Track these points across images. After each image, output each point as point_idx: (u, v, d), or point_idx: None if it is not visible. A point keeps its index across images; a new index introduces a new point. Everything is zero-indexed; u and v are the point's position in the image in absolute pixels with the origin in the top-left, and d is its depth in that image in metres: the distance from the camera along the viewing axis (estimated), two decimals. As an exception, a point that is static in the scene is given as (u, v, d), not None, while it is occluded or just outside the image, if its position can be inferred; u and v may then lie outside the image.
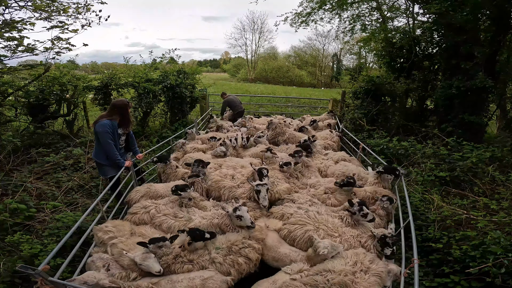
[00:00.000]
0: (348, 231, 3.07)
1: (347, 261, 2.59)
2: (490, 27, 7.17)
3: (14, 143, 5.91)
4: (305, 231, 3.03)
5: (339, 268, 2.51)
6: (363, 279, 2.43)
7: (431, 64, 8.94)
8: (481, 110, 7.29)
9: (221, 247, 2.77)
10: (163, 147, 6.27)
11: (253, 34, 44.61)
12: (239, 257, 2.73)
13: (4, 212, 3.81)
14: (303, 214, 3.28)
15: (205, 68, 51.01)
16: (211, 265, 2.66)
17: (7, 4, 5.40)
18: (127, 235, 3.03)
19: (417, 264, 2.38)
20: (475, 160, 5.18)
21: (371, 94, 8.75)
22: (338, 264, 2.56)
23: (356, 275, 2.46)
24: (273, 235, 3.13)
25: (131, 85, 8.40)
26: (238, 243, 2.81)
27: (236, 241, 2.83)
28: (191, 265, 2.64)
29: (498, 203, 4.10)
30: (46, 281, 2.06)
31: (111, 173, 4.09)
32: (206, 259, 2.69)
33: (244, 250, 2.77)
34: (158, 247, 2.64)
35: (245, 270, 2.75)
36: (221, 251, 2.75)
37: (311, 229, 3.05)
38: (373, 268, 2.53)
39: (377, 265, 2.57)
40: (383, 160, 5.23)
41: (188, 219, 3.24)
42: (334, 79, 36.53)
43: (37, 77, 6.78)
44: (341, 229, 3.08)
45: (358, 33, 12.11)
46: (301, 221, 3.15)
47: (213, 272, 2.57)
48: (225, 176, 4.15)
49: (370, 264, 2.57)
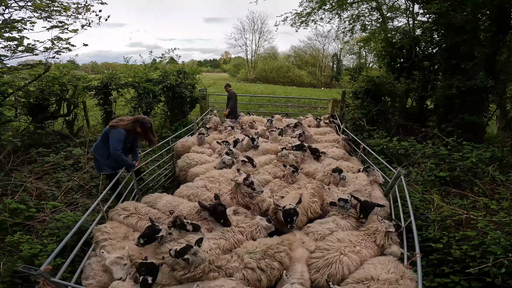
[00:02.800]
0: (361, 237, 3.08)
1: (389, 269, 2.56)
2: (490, 27, 7.17)
3: (14, 143, 5.90)
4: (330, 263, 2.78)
5: (384, 276, 2.45)
6: (406, 285, 2.40)
7: (431, 64, 8.93)
8: (481, 110, 7.29)
9: (254, 251, 2.69)
10: (163, 147, 6.26)
11: (253, 34, 44.71)
12: (274, 261, 2.65)
13: (4, 212, 3.80)
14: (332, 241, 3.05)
15: (205, 68, 50.96)
16: (240, 272, 2.56)
17: (7, 4, 5.40)
18: (120, 238, 2.97)
19: (419, 258, 2.42)
20: (475, 160, 5.18)
21: (371, 94, 8.74)
22: (381, 271, 2.51)
23: (399, 282, 2.42)
24: (303, 252, 2.98)
25: (131, 85, 8.39)
26: (273, 247, 2.75)
27: (272, 245, 2.77)
28: (217, 272, 2.51)
29: (498, 203, 4.10)
30: (48, 281, 2.06)
31: (106, 171, 4.21)
32: (235, 266, 2.59)
33: (280, 255, 2.71)
34: (193, 254, 2.44)
35: (275, 277, 2.66)
36: (254, 255, 2.66)
37: (337, 257, 2.83)
38: (407, 272, 2.56)
39: (406, 268, 2.62)
40: (384, 160, 5.23)
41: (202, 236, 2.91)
42: (334, 79, 36.52)
43: (37, 77, 6.77)
44: (358, 238, 3.07)
45: (358, 33, 12.13)
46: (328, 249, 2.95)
47: (234, 283, 2.43)
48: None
49: (403, 267, 2.62)
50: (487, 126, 7.83)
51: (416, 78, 8.68)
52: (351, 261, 2.75)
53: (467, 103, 7.12)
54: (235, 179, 3.42)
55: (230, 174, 4.40)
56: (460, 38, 7.05)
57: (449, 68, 7.71)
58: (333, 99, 11.02)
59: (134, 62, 9.37)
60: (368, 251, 2.92)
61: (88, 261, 2.79)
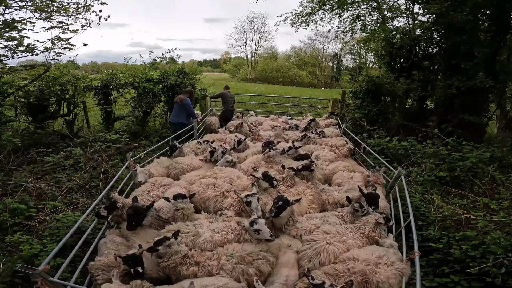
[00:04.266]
0: (350, 229, 3.08)
1: (374, 252, 2.62)
2: (490, 27, 7.18)
3: (14, 143, 5.89)
4: (318, 252, 2.82)
5: (364, 256, 2.51)
6: (385, 270, 2.45)
7: (431, 64, 8.94)
8: (481, 110, 7.30)
9: (233, 255, 2.66)
10: (163, 147, 6.26)
11: (253, 34, 44.67)
12: (250, 268, 2.61)
13: (4, 212, 3.81)
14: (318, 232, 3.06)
15: (205, 68, 50.91)
16: (219, 271, 2.56)
17: (7, 4, 5.40)
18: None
19: (418, 256, 2.44)
20: (475, 160, 5.18)
21: (371, 94, 8.75)
22: (363, 253, 2.56)
23: (378, 267, 2.48)
24: (291, 255, 2.91)
25: (131, 85, 8.39)
26: (252, 255, 2.69)
27: (252, 252, 2.70)
28: (197, 267, 2.56)
29: (498, 203, 4.10)
30: (47, 281, 2.05)
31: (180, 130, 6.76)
32: (213, 264, 2.59)
33: (257, 262, 2.65)
34: (167, 246, 2.56)
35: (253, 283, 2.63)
36: (232, 258, 2.63)
37: (323, 246, 2.86)
38: (397, 263, 2.57)
39: (401, 262, 2.63)
40: (384, 160, 5.23)
41: (196, 233, 2.94)
42: (334, 79, 36.51)
43: (37, 77, 6.78)
44: (347, 231, 3.06)
45: (358, 33, 12.14)
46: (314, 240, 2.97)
47: (227, 279, 2.47)
48: (208, 187, 3.86)
49: (396, 260, 2.63)
50: (487, 126, 7.84)
51: (416, 78, 8.69)
52: (337, 249, 2.78)
53: (467, 103, 7.13)
54: (240, 223, 2.97)
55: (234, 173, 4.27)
56: (460, 38, 7.05)
57: (449, 68, 7.72)
58: (333, 99, 11.01)
59: (134, 62, 9.38)
60: (355, 241, 2.92)
61: (104, 239, 2.92)
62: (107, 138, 6.57)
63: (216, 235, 2.92)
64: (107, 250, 2.76)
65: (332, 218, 3.34)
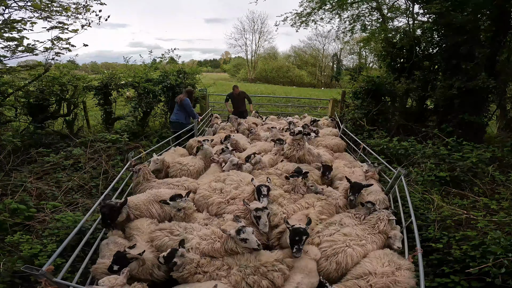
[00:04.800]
0: (368, 231, 3.18)
1: (384, 262, 2.65)
2: (490, 27, 7.17)
3: (14, 143, 5.90)
4: (337, 253, 2.85)
5: (381, 270, 2.53)
6: (403, 276, 2.49)
7: (431, 64, 8.92)
8: (481, 110, 7.29)
9: (246, 265, 2.49)
10: (163, 147, 6.26)
11: (253, 34, 44.69)
12: (263, 280, 2.42)
13: (4, 212, 3.81)
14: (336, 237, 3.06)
15: (205, 68, 50.96)
16: (225, 279, 2.46)
17: (7, 4, 5.40)
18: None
19: (421, 253, 2.50)
20: (475, 160, 5.18)
21: (371, 94, 8.74)
22: (376, 265, 2.59)
23: (395, 274, 2.51)
24: (309, 261, 2.79)
25: (131, 85, 8.39)
26: (268, 265, 2.49)
27: (267, 262, 2.51)
28: (202, 275, 2.49)
29: (498, 203, 4.10)
30: (51, 281, 2.06)
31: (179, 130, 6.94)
32: (222, 274, 2.47)
33: (272, 274, 2.45)
34: (181, 256, 2.48)
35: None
36: (244, 269, 2.46)
37: (342, 248, 2.89)
38: (403, 263, 2.63)
39: (403, 260, 2.71)
40: (384, 160, 5.23)
41: (184, 238, 2.80)
42: (334, 79, 36.52)
43: (37, 77, 6.78)
44: (364, 233, 3.16)
45: (358, 33, 12.13)
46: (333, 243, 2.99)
47: (226, 286, 2.39)
48: (214, 191, 3.78)
49: (399, 260, 2.69)
50: (487, 126, 7.84)
51: (416, 78, 8.69)
52: (355, 252, 2.86)
53: (467, 103, 7.12)
54: (226, 231, 2.76)
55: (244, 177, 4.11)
56: (460, 38, 7.04)
57: (449, 68, 7.71)
58: (333, 99, 11.00)
59: (134, 62, 9.39)
60: (373, 246, 3.03)
61: (105, 241, 2.90)
62: (107, 138, 6.58)
63: (203, 243, 2.78)
64: (109, 251, 2.73)
65: (347, 219, 3.44)
